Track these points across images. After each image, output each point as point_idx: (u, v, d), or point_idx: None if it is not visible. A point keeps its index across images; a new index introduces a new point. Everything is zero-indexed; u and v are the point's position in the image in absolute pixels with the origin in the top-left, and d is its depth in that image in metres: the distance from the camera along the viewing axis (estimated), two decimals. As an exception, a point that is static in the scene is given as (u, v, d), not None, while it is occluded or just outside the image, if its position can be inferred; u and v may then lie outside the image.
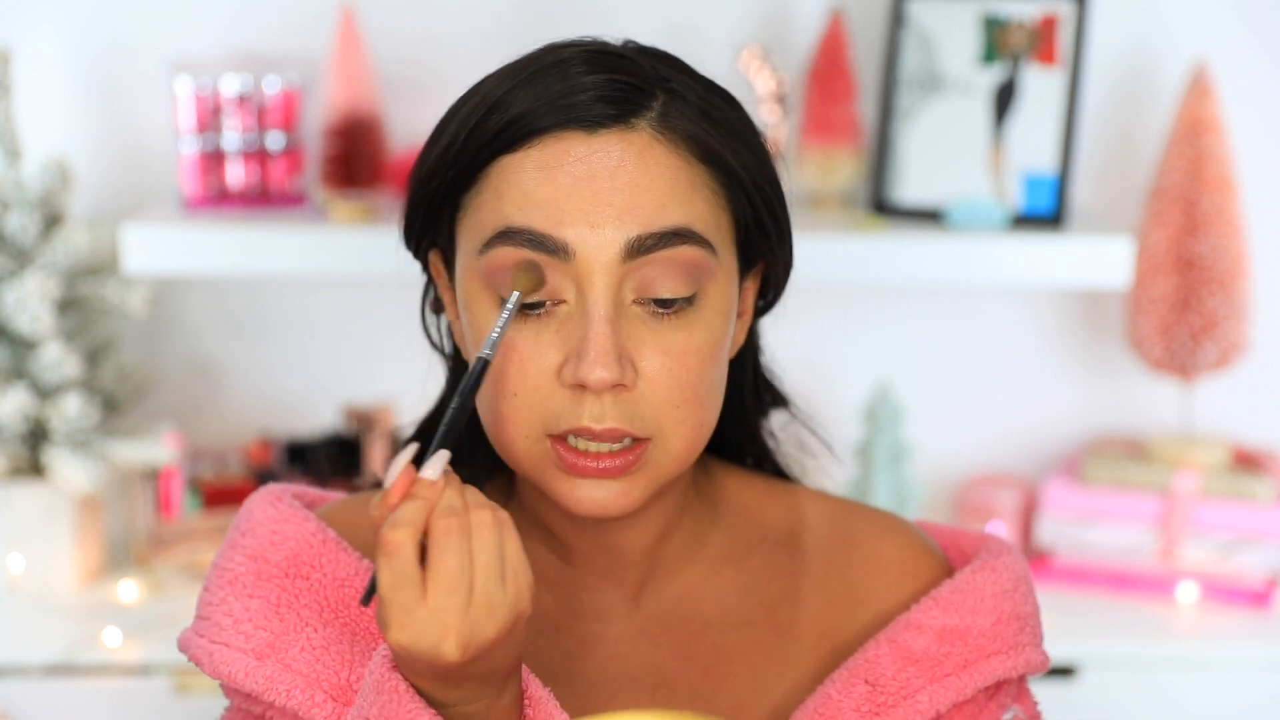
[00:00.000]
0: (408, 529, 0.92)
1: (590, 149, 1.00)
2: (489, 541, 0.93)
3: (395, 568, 0.91)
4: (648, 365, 1.01)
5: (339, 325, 2.27)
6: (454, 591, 0.91)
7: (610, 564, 1.11)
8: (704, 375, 1.02)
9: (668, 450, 1.03)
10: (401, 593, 0.91)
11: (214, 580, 1.10)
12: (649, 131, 1.01)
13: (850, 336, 2.29)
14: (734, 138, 1.04)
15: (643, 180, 1.00)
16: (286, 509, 1.11)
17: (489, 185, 1.02)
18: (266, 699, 1.05)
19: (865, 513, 1.17)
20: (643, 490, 1.03)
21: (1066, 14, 2.05)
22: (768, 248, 1.08)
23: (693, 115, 1.02)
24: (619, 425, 1.00)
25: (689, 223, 1.01)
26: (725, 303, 1.04)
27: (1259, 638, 2.01)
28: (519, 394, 1.01)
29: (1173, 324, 2.12)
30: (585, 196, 0.99)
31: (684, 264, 1.01)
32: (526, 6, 2.18)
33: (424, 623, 0.91)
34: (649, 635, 1.12)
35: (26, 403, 2.03)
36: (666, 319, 1.01)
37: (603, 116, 1.00)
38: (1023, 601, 1.12)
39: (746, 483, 1.17)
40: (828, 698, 1.08)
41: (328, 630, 1.07)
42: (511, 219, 1.00)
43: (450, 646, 0.91)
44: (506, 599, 0.93)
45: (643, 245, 0.99)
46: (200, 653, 1.08)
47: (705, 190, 1.02)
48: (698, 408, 1.02)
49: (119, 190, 2.23)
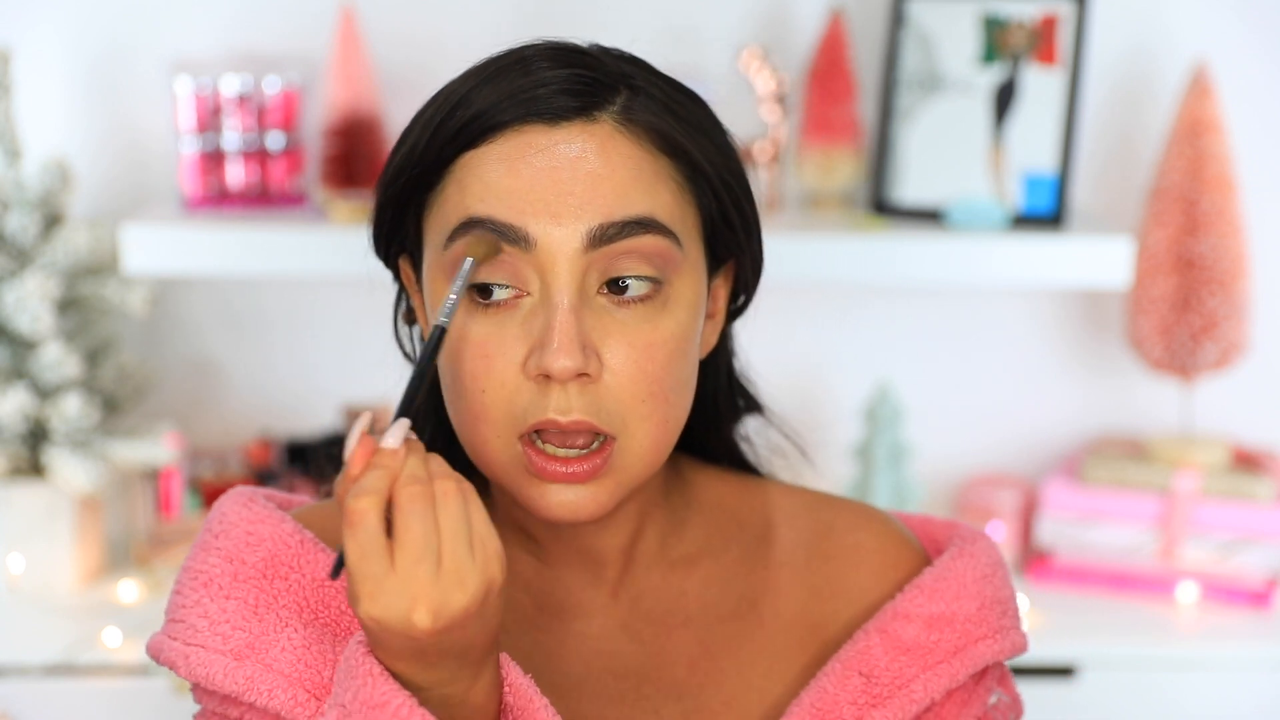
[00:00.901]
0: (371, 497, 0.91)
1: (551, 140, 1.00)
2: (454, 509, 0.92)
3: (360, 538, 0.91)
4: (612, 356, 1.00)
5: (339, 325, 2.27)
6: (422, 559, 0.91)
7: (586, 563, 1.11)
8: (670, 369, 1.02)
9: (634, 450, 1.02)
10: (369, 563, 0.91)
11: (185, 583, 1.08)
12: (610, 123, 1.01)
13: (850, 336, 2.29)
14: (699, 132, 1.04)
15: (604, 170, 1.00)
16: (261, 510, 1.10)
17: (452, 181, 1.02)
18: (246, 699, 1.04)
19: (840, 504, 1.18)
20: (610, 494, 1.03)
21: (1066, 14, 2.05)
22: (736, 244, 1.07)
23: (656, 109, 1.03)
24: (584, 417, 1.00)
25: (652, 212, 1.01)
26: (693, 296, 1.04)
27: (1259, 638, 2.01)
28: (487, 390, 1.01)
29: (1173, 324, 2.12)
30: (547, 187, 0.99)
31: (648, 254, 1.01)
32: (526, 6, 2.18)
33: (394, 592, 0.91)
34: (631, 631, 1.12)
35: (26, 403, 2.03)
36: (632, 309, 1.01)
37: (564, 109, 1.00)
38: (1002, 585, 1.14)
39: (718, 478, 1.17)
40: (824, 692, 1.08)
41: (308, 630, 1.06)
42: (473, 209, 1.00)
43: (421, 615, 0.91)
44: (476, 566, 0.92)
45: (605, 234, 0.99)
46: (175, 655, 1.06)
47: (670, 183, 1.02)
48: (663, 403, 1.02)
49: (119, 190, 2.23)
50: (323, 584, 1.08)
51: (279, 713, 1.04)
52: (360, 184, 2.09)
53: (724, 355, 1.16)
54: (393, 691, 0.94)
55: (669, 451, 1.05)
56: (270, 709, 1.04)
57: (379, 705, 0.94)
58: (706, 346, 1.10)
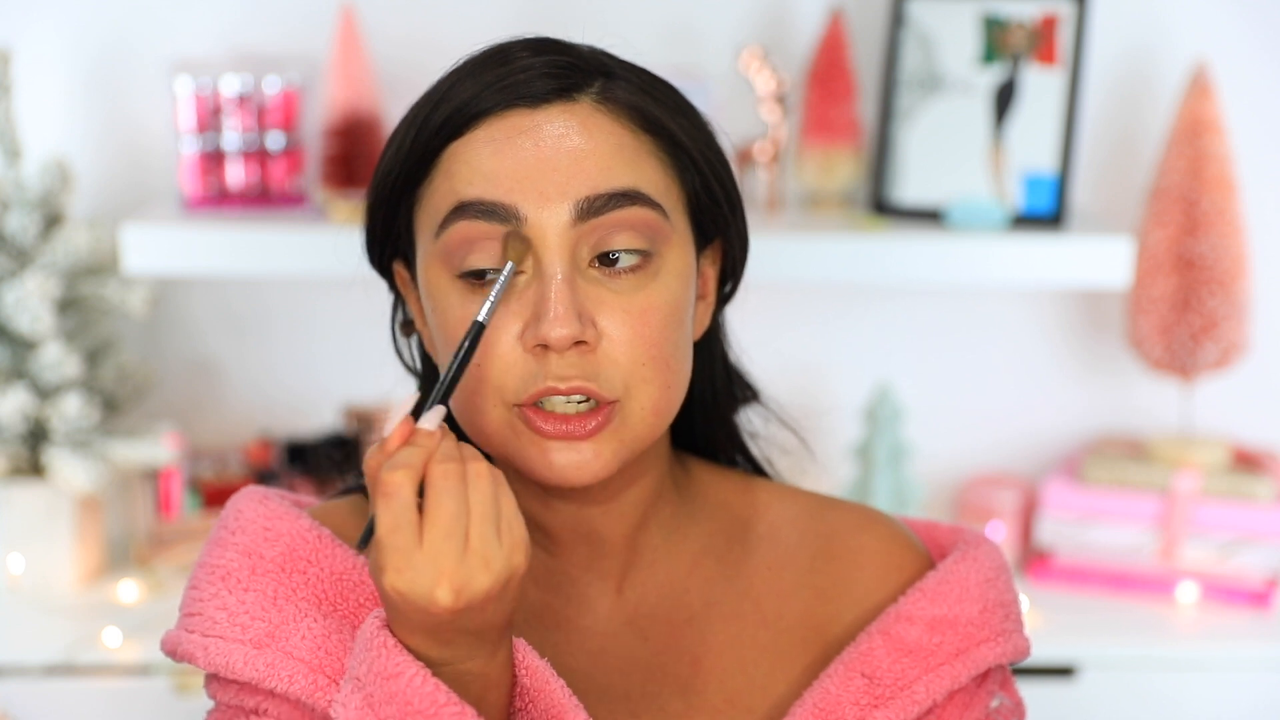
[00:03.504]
0: (407, 471, 0.93)
1: (534, 121, 1.03)
2: (485, 492, 0.94)
3: (394, 508, 0.92)
4: (608, 324, 1.02)
5: (339, 325, 2.27)
6: (451, 536, 0.92)
7: (592, 554, 1.12)
8: (666, 334, 1.04)
9: (636, 412, 1.04)
10: (399, 535, 0.92)
11: (202, 578, 1.09)
12: (590, 103, 1.04)
13: (850, 336, 2.29)
14: (677, 112, 1.07)
15: (587, 146, 1.03)
16: (277, 505, 1.11)
17: (440, 171, 1.05)
18: (267, 686, 1.05)
19: (844, 507, 1.19)
20: (614, 452, 1.03)
21: (1066, 14, 2.05)
22: (722, 218, 1.10)
23: (633, 90, 1.06)
24: (584, 383, 1.01)
25: (637, 184, 1.03)
26: (683, 268, 1.06)
27: (1259, 638, 2.01)
28: (483, 364, 1.02)
29: (1173, 324, 2.12)
30: (532, 165, 1.02)
31: (636, 224, 1.03)
32: (526, 7, 2.18)
33: (419, 567, 0.92)
34: (635, 626, 1.13)
35: (26, 403, 2.03)
36: (624, 279, 1.03)
37: (545, 91, 1.03)
38: (1005, 589, 1.15)
39: (724, 478, 1.19)
40: (826, 692, 1.09)
41: (328, 621, 1.06)
42: (463, 193, 1.03)
43: (444, 592, 0.92)
44: (502, 551, 0.93)
45: (592, 207, 1.02)
46: (193, 647, 1.07)
47: (652, 159, 1.05)
48: (663, 368, 1.04)
49: (119, 190, 2.23)
50: (341, 578, 1.08)
51: (299, 698, 1.05)
52: (360, 184, 2.09)
53: (718, 345, 1.18)
54: (406, 663, 0.95)
55: (669, 419, 1.06)
56: (290, 694, 1.05)
57: (392, 676, 0.95)
58: (700, 327, 1.12)
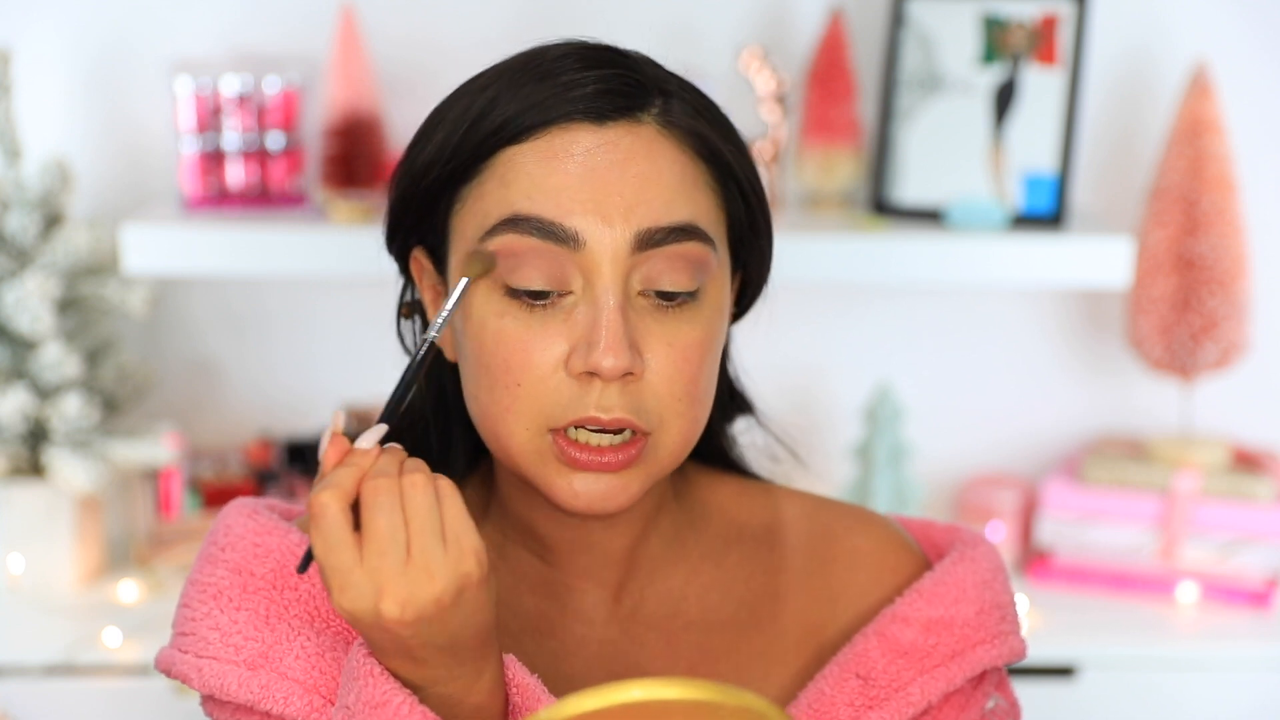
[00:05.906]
0: (334, 490, 0.93)
1: (599, 140, 1.00)
2: (421, 502, 0.93)
3: (324, 529, 0.92)
4: (653, 357, 1.01)
5: (339, 325, 2.27)
6: (387, 551, 0.92)
7: (590, 564, 1.11)
8: (704, 370, 1.03)
9: (665, 445, 1.03)
10: (335, 555, 0.92)
11: (193, 596, 1.08)
12: (654, 126, 1.02)
13: (850, 336, 2.29)
14: (728, 138, 1.05)
15: (652, 173, 1.01)
16: (266, 521, 1.10)
17: (492, 175, 1.02)
18: (262, 708, 1.04)
19: (840, 508, 1.18)
20: (640, 485, 1.03)
21: (1066, 14, 2.05)
22: (756, 248, 1.09)
23: (691, 114, 1.03)
24: (625, 415, 1.00)
25: (695, 219, 1.02)
26: (722, 299, 1.06)
27: (1259, 638, 2.01)
28: (523, 384, 1.01)
29: (1173, 324, 2.12)
30: (595, 187, 1.00)
31: (689, 259, 1.01)
32: (526, 7, 2.18)
33: (359, 585, 0.92)
34: (633, 635, 1.12)
35: (26, 403, 2.03)
36: (670, 312, 1.02)
37: (610, 109, 1.01)
38: (1001, 591, 1.14)
39: (721, 482, 1.18)
40: (820, 693, 1.09)
41: (321, 639, 1.06)
42: (519, 206, 1.00)
43: (389, 605, 0.92)
44: (448, 560, 0.93)
45: (652, 238, 1.00)
46: (187, 668, 1.06)
47: (707, 189, 1.03)
48: (695, 403, 1.03)
49: (119, 190, 2.23)
50: None
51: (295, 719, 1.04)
52: (360, 184, 2.09)
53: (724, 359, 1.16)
54: (393, 690, 0.95)
55: (691, 448, 1.06)
56: (286, 716, 1.04)
57: (380, 704, 0.95)
58: None
